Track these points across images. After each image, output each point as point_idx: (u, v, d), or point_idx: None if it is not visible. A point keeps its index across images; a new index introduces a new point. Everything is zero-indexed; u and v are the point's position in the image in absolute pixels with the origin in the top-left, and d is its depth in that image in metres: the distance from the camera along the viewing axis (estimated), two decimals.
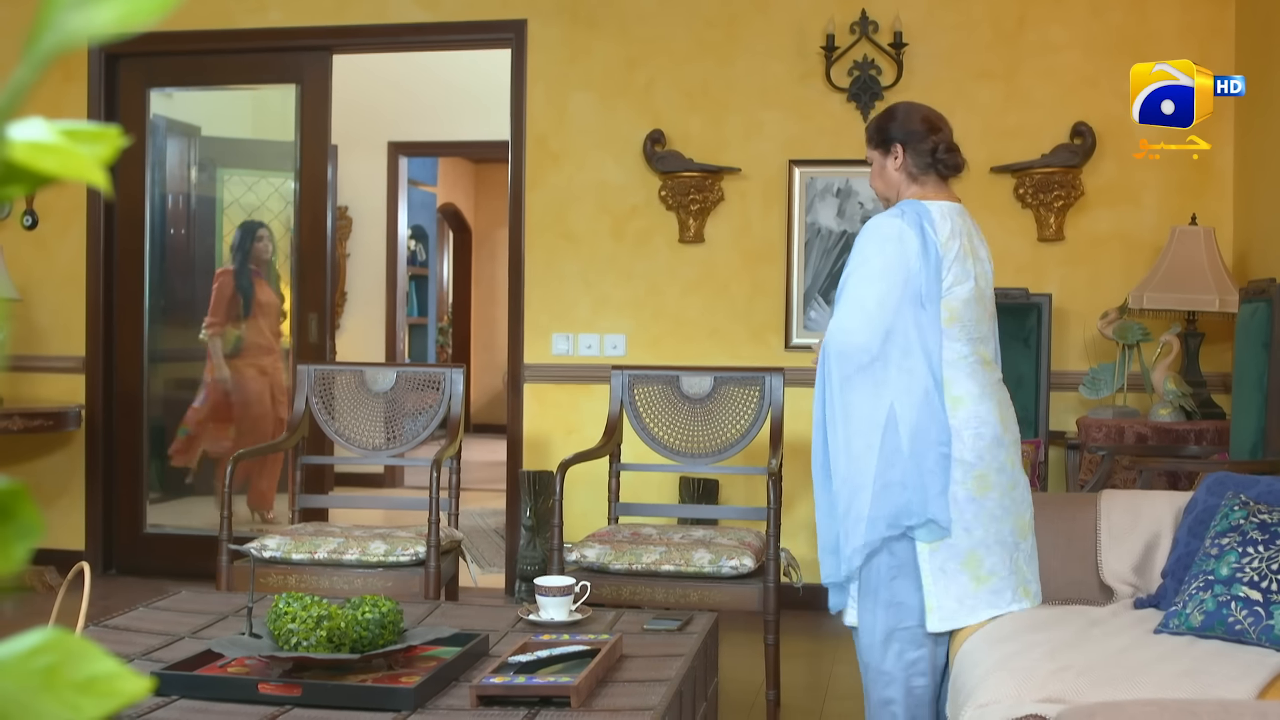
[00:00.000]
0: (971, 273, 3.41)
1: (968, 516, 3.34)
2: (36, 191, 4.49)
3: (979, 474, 3.35)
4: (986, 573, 3.34)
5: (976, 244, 3.49)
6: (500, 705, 2.56)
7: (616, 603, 4.03)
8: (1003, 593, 3.36)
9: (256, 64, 6.69)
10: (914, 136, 3.52)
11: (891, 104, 3.80)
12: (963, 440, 3.35)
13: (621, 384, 4.85)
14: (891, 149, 3.54)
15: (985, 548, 3.34)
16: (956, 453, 3.33)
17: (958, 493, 3.34)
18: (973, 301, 3.40)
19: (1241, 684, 2.60)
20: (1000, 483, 3.38)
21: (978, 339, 3.43)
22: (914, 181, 3.52)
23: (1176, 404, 5.18)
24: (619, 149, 6.09)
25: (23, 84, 0.60)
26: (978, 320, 3.43)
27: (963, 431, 3.35)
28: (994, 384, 3.45)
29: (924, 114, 3.60)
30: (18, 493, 0.63)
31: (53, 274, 6.65)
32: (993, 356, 3.50)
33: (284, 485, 4.94)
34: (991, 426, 3.37)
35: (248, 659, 2.79)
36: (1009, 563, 3.37)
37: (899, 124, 3.56)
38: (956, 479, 3.34)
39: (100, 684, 0.65)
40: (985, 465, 3.36)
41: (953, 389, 3.36)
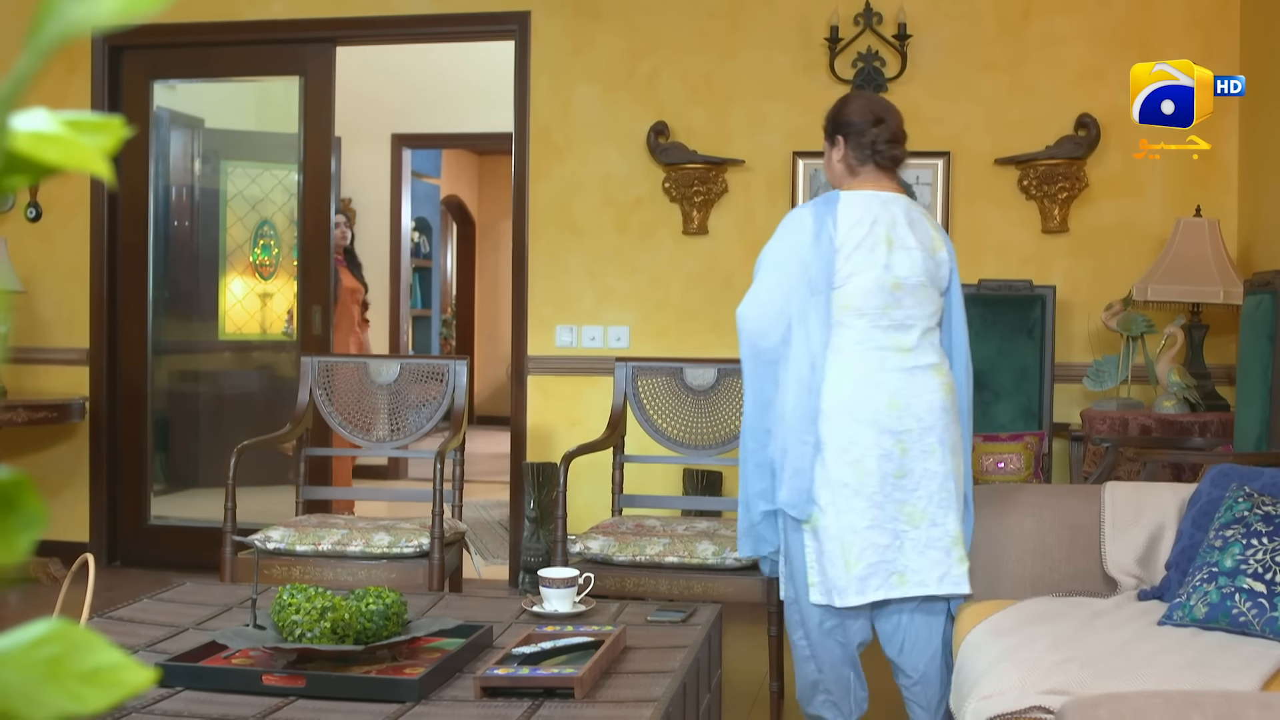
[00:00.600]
0: (881, 262, 3.46)
1: (839, 502, 3.43)
2: (40, 183, 4.47)
3: (853, 459, 3.42)
4: (855, 558, 3.42)
5: (902, 233, 3.52)
6: (504, 697, 2.56)
7: (620, 594, 4.03)
8: (870, 580, 3.43)
9: (260, 56, 6.69)
10: (854, 129, 3.59)
11: (845, 95, 3.86)
12: (835, 425, 3.44)
13: (625, 376, 4.85)
14: (835, 140, 3.65)
15: (854, 533, 3.42)
16: (830, 437, 3.43)
17: (831, 476, 3.43)
18: (881, 290, 3.46)
19: (1245, 676, 2.60)
20: (882, 470, 3.42)
21: (889, 326, 3.48)
22: (852, 173, 3.62)
23: (1181, 396, 5.18)
24: (623, 141, 6.09)
25: (25, 73, 0.60)
26: (885, 308, 3.47)
27: (836, 417, 3.44)
28: (901, 370, 3.47)
29: (868, 105, 3.66)
30: (21, 483, 0.63)
31: (56, 266, 6.66)
32: (914, 344, 3.50)
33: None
34: (873, 413, 3.42)
35: (252, 650, 2.79)
36: (883, 550, 3.43)
37: (843, 116, 3.64)
38: (830, 462, 3.44)
39: (104, 675, 0.65)
40: (861, 450, 3.42)
41: (834, 374, 3.45)
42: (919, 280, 3.52)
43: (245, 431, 5.24)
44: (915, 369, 3.49)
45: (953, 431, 3.52)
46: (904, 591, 3.46)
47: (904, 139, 3.66)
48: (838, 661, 3.56)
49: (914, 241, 3.53)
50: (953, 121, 5.83)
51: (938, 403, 3.48)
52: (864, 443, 3.43)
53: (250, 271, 7.04)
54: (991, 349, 5.54)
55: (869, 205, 3.52)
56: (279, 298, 7.01)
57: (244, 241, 7.01)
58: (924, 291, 3.54)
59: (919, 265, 3.52)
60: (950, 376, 3.57)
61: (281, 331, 6.99)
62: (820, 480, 3.47)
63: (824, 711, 3.61)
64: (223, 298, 7.06)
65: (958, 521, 3.49)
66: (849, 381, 3.45)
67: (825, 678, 3.57)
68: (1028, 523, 3.57)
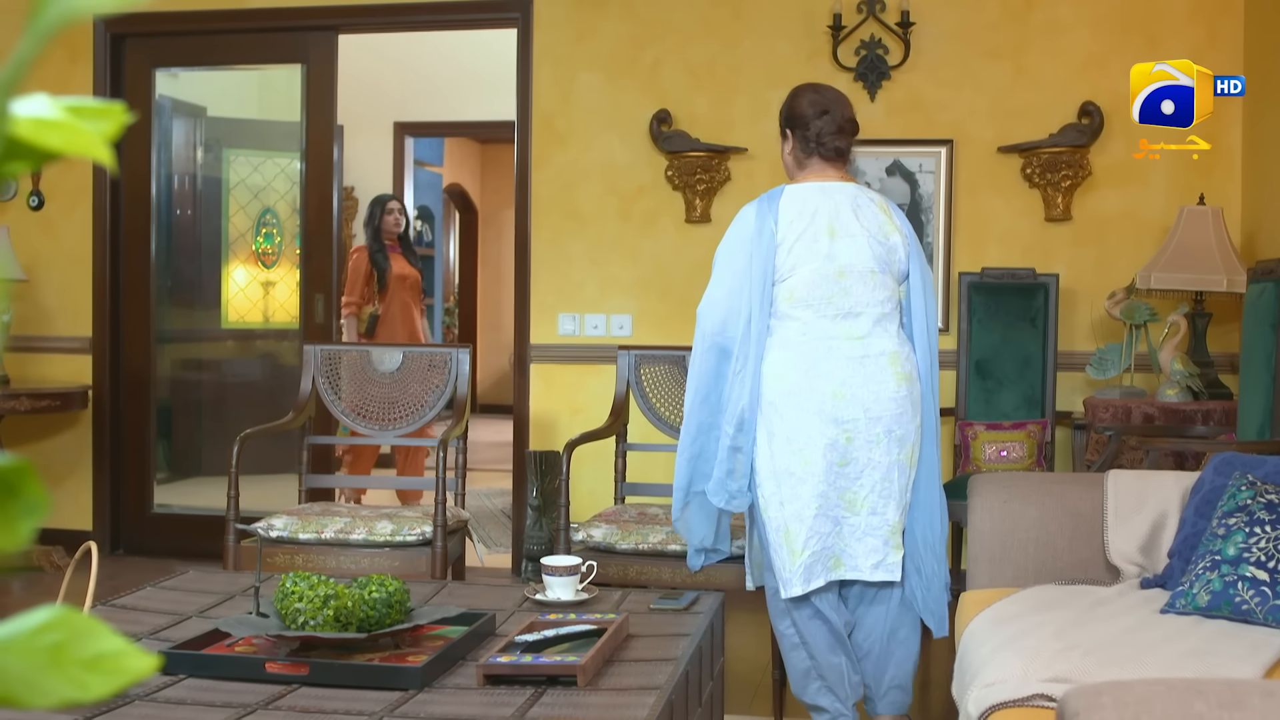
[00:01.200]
0: (823, 252, 3.48)
1: (784, 490, 3.47)
2: (42, 170, 4.47)
3: (797, 448, 3.45)
4: (800, 547, 3.46)
5: (847, 220, 3.53)
6: (507, 684, 2.56)
7: (623, 582, 4.04)
8: (814, 568, 3.48)
9: (262, 44, 6.68)
10: (799, 122, 3.64)
11: (798, 86, 3.82)
12: (783, 415, 3.47)
13: (628, 364, 4.85)
14: (785, 134, 3.70)
15: (799, 520, 3.45)
16: (776, 427, 3.47)
17: (777, 465, 3.47)
18: (825, 279, 3.48)
19: (1248, 663, 2.60)
20: (828, 459, 3.45)
21: (837, 315, 3.49)
22: (800, 166, 3.66)
23: (1184, 384, 5.17)
24: (625, 129, 6.08)
25: (25, 58, 0.59)
26: (831, 297, 3.49)
27: (783, 407, 3.47)
28: (850, 359, 3.48)
29: (813, 98, 3.66)
30: (23, 470, 0.63)
31: (59, 254, 6.66)
32: (866, 331, 3.51)
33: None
34: (818, 402, 3.45)
35: (255, 638, 2.80)
36: (825, 538, 3.47)
37: (789, 110, 3.69)
38: (777, 451, 3.47)
39: (107, 661, 0.65)
40: (805, 439, 3.45)
41: (778, 366, 3.49)
42: (867, 267, 3.52)
43: (248, 420, 5.25)
44: (866, 357, 3.50)
45: (905, 422, 3.52)
46: (840, 574, 3.51)
47: (852, 129, 3.67)
48: (826, 647, 3.57)
49: (859, 229, 3.53)
50: (956, 109, 5.82)
51: (887, 393, 3.49)
52: (809, 432, 3.46)
53: (253, 260, 7.04)
54: (994, 337, 5.54)
55: (809, 197, 3.55)
56: (281, 286, 7.01)
57: (246, 230, 7.01)
58: (873, 278, 3.53)
59: (865, 252, 3.52)
60: (909, 365, 3.57)
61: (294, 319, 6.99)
62: (766, 470, 3.50)
63: (819, 699, 3.61)
64: (225, 286, 7.06)
65: (898, 511, 3.52)
66: (795, 372, 3.48)
67: (818, 663, 3.58)
68: (1030, 511, 3.57)
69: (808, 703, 3.64)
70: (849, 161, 3.71)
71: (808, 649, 3.58)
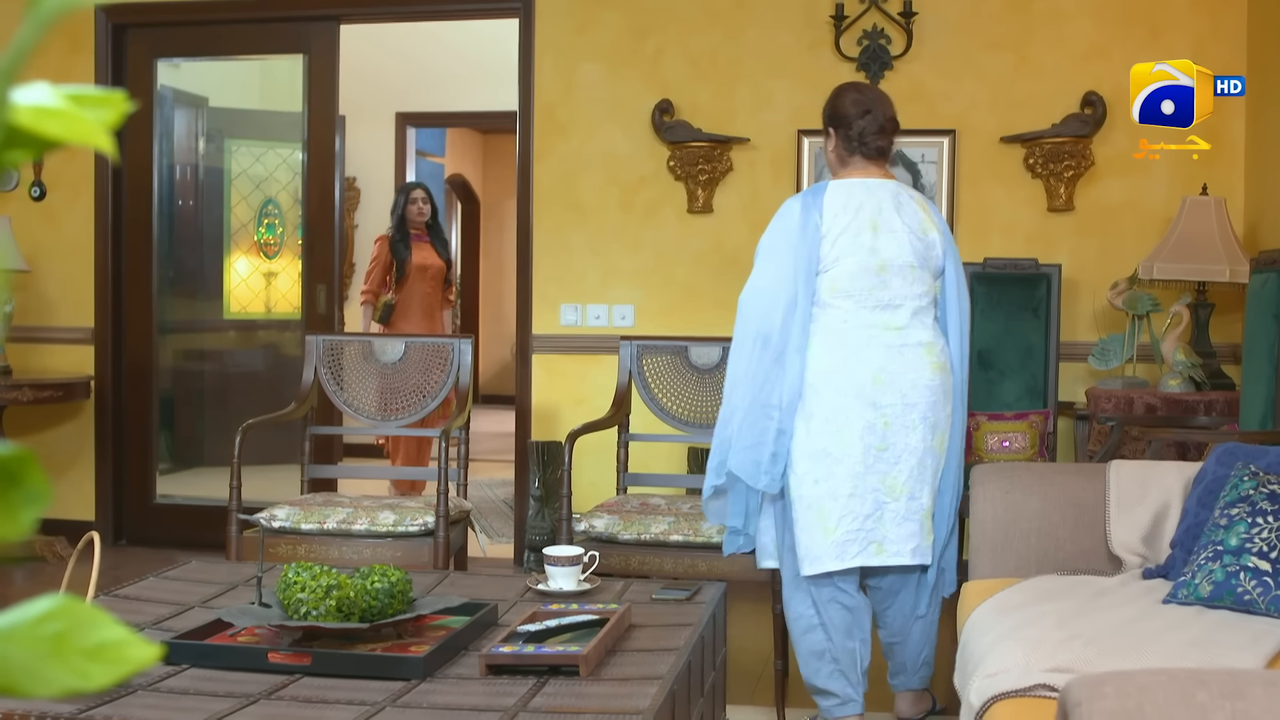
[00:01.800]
0: (866, 245, 3.61)
1: (819, 469, 3.58)
2: (43, 159, 4.46)
3: (835, 429, 3.57)
4: (833, 525, 3.57)
5: (889, 216, 3.66)
6: (509, 674, 2.57)
7: (625, 573, 4.04)
8: (849, 546, 3.57)
9: (264, 34, 6.67)
10: (842, 121, 3.77)
11: (842, 84, 3.98)
12: (822, 397, 3.59)
13: (630, 354, 4.85)
14: (828, 132, 3.84)
15: (833, 499, 3.56)
16: (815, 408, 3.58)
17: (815, 445, 3.58)
18: (867, 272, 3.61)
19: (1250, 654, 2.60)
20: (865, 441, 3.57)
21: (877, 306, 3.63)
22: (843, 163, 3.79)
23: (1186, 375, 5.17)
24: (627, 119, 6.07)
25: (25, 45, 0.59)
26: (872, 289, 3.62)
27: (823, 389, 3.59)
28: (889, 347, 3.60)
29: (856, 98, 3.80)
30: (25, 458, 0.63)
31: (61, 245, 6.66)
32: (904, 323, 3.64)
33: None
34: (859, 386, 3.57)
35: (257, 628, 2.80)
36: (862, 519, 3.57)
37: (835, 109, 3.82)
38: (812, 432, 3.59)
39: (109, 651, 0.65)
40: (844, 421, 3.57)
41: (820, 350, 3.61)
42: (906, 261, 3.65)
43: (250, 410, 5.25)
44: (904, 346, 3.62)
45: (939, 409, 3.65)
46: (882, 560, 3.61)
47: (893, 128, 3.80)
48: (844, 631, 3.66)
49: (900, 225, 3.66)
50: (958, 99, 5.81)
51: (923, 380, 3.62)
52: (847, 413, 3.57)
53: (255, 250, 7.04)
54: (997, 327, 5.53)
55: (854, 192, 3.68)
56: (283, 277, 7.01)
57: (248, 220, 7.01)
58: (912, 272, 3.67)
59: (906, 247, 3.65)
60: (943, 356, 3.70)
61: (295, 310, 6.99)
62: (802, 450, 3.60)
63: (830, 684, 3.68)
64: (227, 277, 7.06)
65: (930, 496, 3.66)
66: (836, 357, 3.60)
67: (834, 645, 3.66)
68: (1032, 501, 3.57)
69: (819, 686, 3.70)
70: (890, 159, 3.85)
71: (825, 630, 3.65)
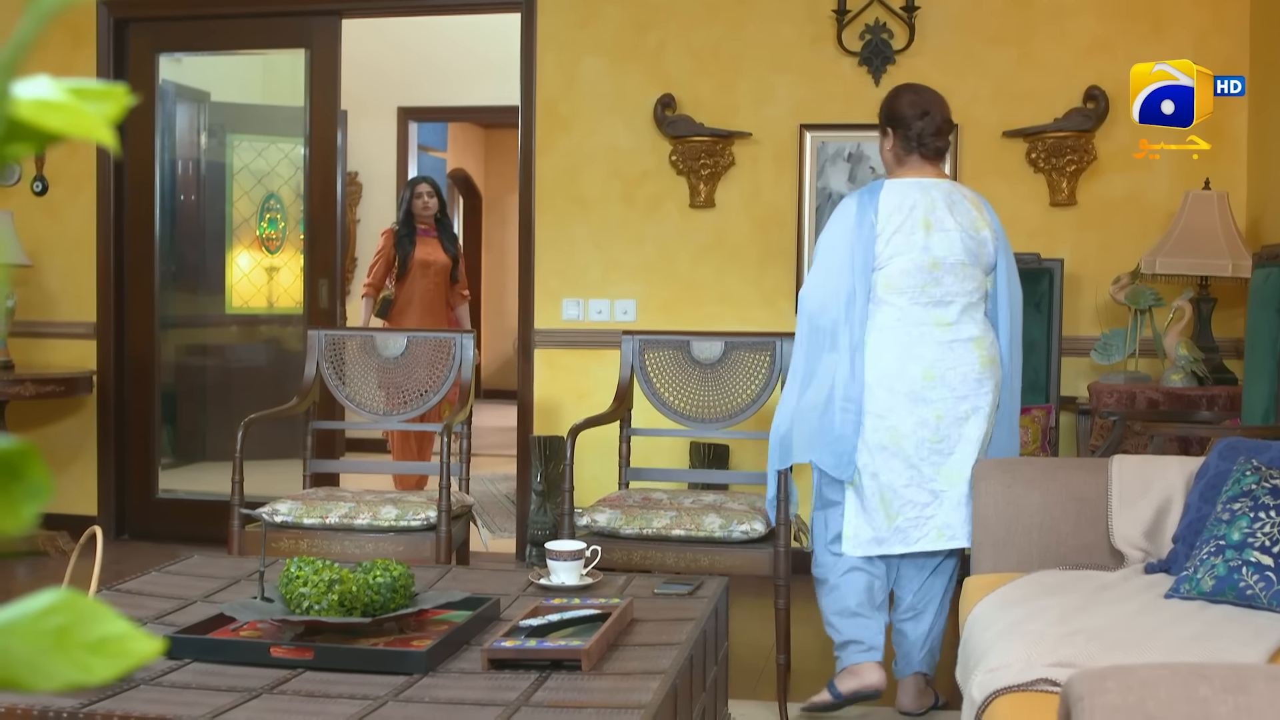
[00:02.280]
0: (919, 244, 3.78)
1: (878, 462, 3.81)
2: (45, 153, 4.45)
3: (890, 425, 3.79)
4: (895, 512, 3.82)
5: (942, 215, 3.82)
6: (511, 669, 2.57)
7: (627, 567, 4.04)
8: (909, 532, 3.82)
9: (266, 29, 6.67)
10: (901, 123, 3.91)
11: (899, 86, 4.11)
12: (875, 395, 3.80)
13: (632, 349, 4.85)
14: (886, 132, 3.97)
15: (893, 491, 3.81)
16: (870, 405, 3.80)
17: (870, 440, 3.80)
18: (920, 269, 3.78)
19: (1252, 648, 2.60)
20: (918, 435, 3.78)
21: (929, 303, 3.80)
22: (899, 163, 3.94)
23: (1188, 369, 5.17)
24: (629, 113, 6.07)
25: (26, 38, 0.59)
26: (924, 286, 3.80)
27: (876, 388, 3.79)
28: (940, 344, 3.79)
29: (916, 99, 3.94)
30: (27, 453, 0.63)
31: (63, 240, 6.66)
32: (954, 318, 3.81)
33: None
34: (909, 383, 3.77)
35: (259, 623, 2.80)
36: (920, 508, 3.81)
37: (893, 110, 3.95)
38: (870, 427, 3.80)
39: (111, 644, 0.65)
40: (897, 418, 3.78)
41: (874, 349, 3.80)
42: (958, 259, 3.81)
43: (252, 405, 5.25)
44: (955, 342, 3.80)
45: (988, 401, 3.83)
46: (944, 544, 3.85)
47: (949, 129, 3.96)
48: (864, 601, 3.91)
49: (953, 224, 3.82)
50: (961, 94, 5.80)
51: (973, 374, 3.80)
52: (899, 411, 3.78)
53: (257, 245, 7.04)
54: None
55: (908, 192, 3.84)
56: (285, 271, 7.01)
57: (250, 215, 7.01)
58: (964, 270, 3.83)
59: (958, 245, 3.81)
60: (993, 349, 3.87)
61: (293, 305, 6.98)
62: (861, 444, 3.82)
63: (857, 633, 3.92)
64: (229, 271, 7.06)
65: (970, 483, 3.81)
66: (889, 355, 3.79)
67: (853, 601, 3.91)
68: (1034, 496, 3.57)
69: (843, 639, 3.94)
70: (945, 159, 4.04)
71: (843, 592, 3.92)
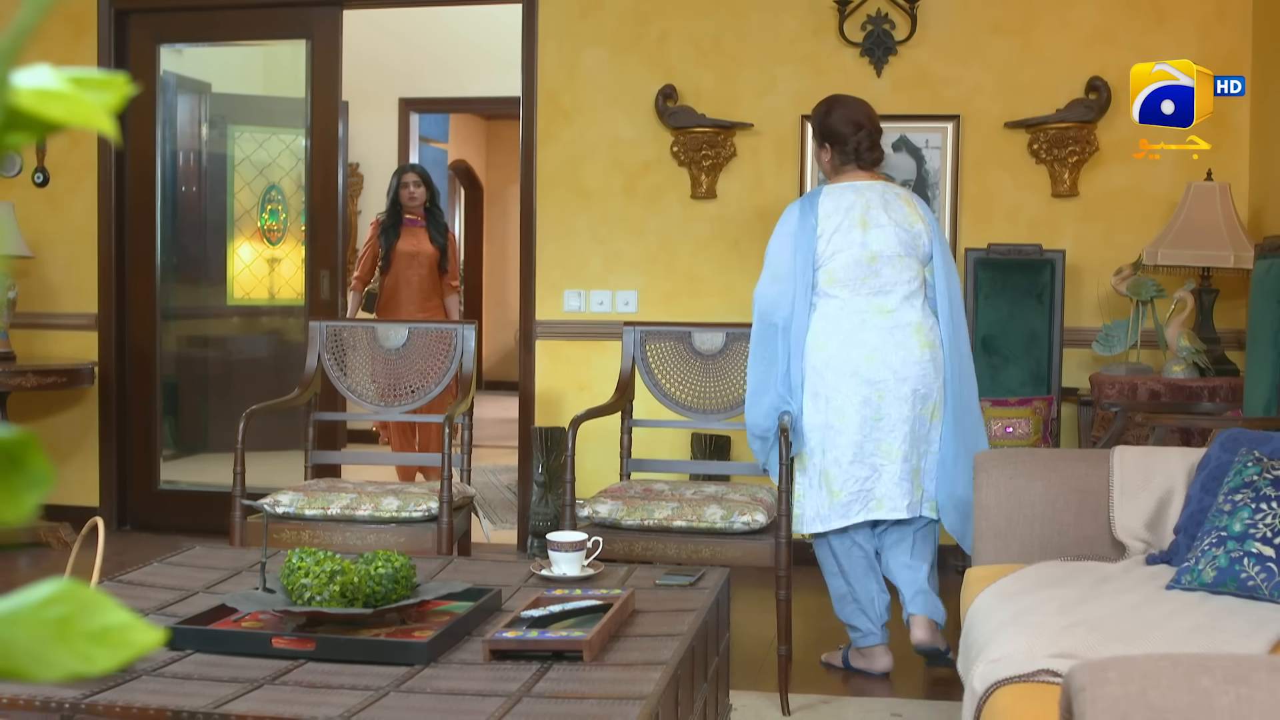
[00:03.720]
0: (858, 240, 4.15)
1: (824, 440, 4.16)
2: (45, 142, 4.46)
3: (836, 406, 4.13)
4: (838, 488, 4.16)
5: (877, 213, 4.19)
6: (513, 659, 2.57)
7: (628, 558, 4.04)
8: (851, 506, 4.16)
9: (267, 19, 6.66)
10: (837, 138, 4.28)
11: (826, 100, 4.46)
12: (823, 378, 4.14)
13: (633, 340, 4.85)
14: (823, 145, 4.35)
15: (837, 467, 4.15)
16: (816, 387, 4.15)
17: (816, 420, 4.16)
18: (859, 263, 4.14)
19: (1254, 640, 2.60)
20: (862, 414, 4.12)
21: (869, 293, 4.16)
22: (836, 172, 4.31)
23: (1190, 361, 5.17)
24: (631, 104, 6.06)
25: (26, 25, 0.59)
26: (864, 278, 4.15)
27: (825, 371, 4.14)
28: (881, 329, 4.14)
29: (848, 115, 4.29)
30: (28, 442, 0.63)
31: (64, 231, 6.65)
32: (895, 306, 4.16)
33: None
34: (854, 366, 4.12)
35: (261, 614, 2.80)
36: (862, 482, 4.14)
37: (827, 125, 4.31)
38: (817, 408, 4.15)
39: (113, 635, 0.65)
40: (843, 398, 4.12)
41: (820, 336, 4.16)
42: (895, 252, 4.18)
43: (254, 396, 5.25)
44: (895, 328, 4.15)
45: (929, 382, 4.17)
46: (881, 514, 4.17)
47: (880, 134, 4.34)
48: (860, 573, 4.23)
49: (887, 220, 4.19)
50: (962, 85, 5.80)
51: (913, 356, 4.14)
52: (846, 392, 4.12)
53: (258, 237, 7.04)
54: (1001, 313, 5.53)
55: (845, 194, 4.22)
56: (287, 263, 7.01)
57: (251, 206, 7.01)
58: (900, 261, 4.19)
59: (893, 239, 4.18)
60: (934, 334, 4.21)
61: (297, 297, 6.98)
62: (811, 425, 4.17)
63: (854, 620, 4.27)
64: (230, 263, 7.05)
65: (920, 459, 4.20)
66: (834, 341, 4.14)
67: (853, 589, 4.24)
68: (1036, 487, 3.57)
69: (845, 622, 4.32)
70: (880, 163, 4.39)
71: (844, 576, 4.25)
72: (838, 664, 4.40)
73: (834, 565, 4.28)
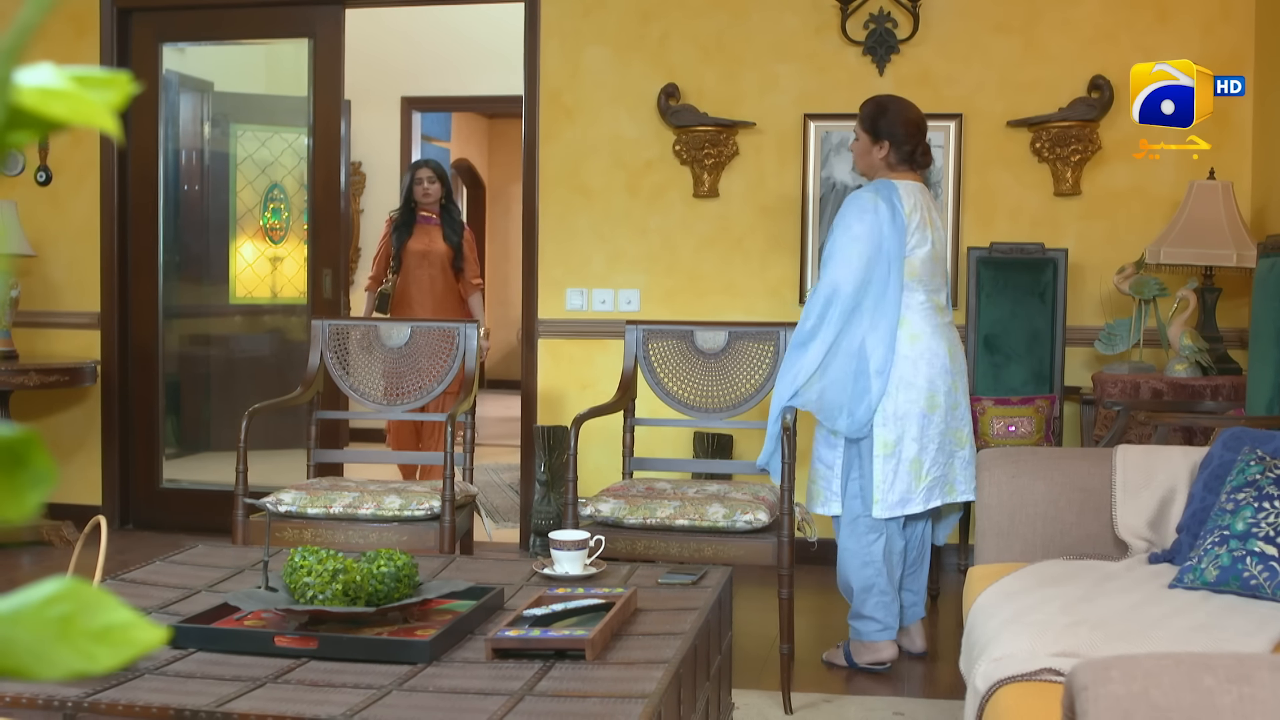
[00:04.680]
0: (929, 238, 4.27)
1: (916, 429, 4.23)
2: (48, 141, 4.46)
3: (929, 395, 4.23)
4: (924, 473, 4.26)
5: (934, 215, 4.35)
6: (515, 658, 2.57)
7: (631, 557, 4.04)
8: (934, 490, 4.27)
9: (269, 18, 6.66)
10: (900, 139, 4.33)
11: (884, 98, 4.52)
12: (917, 368, 4.22)
13: (636, 339, 4.85)
14: (880, 141, 4.35)
15: (927, 454, 4.25)
16: (911, 377, 4.21)
17: (911, 409, 4.22)
18: (929, 260, 4.27)
19: (1256, 638, 2.60)
20: (945, 403, 4.26)
21: (933, 290, 4.31)
22: (889, 169, 4.36)
23: (1193, 359, 5.16)
24: (633, 103, 6.06)
25: (28, 24, 0.59)
26: (932, 275, 4.30)
27: (918, 361, 4.22)
28: (945, 325, 4.33)
29: (912, 118, 4.36)
30: (30, 440, 0.63)
31: (67, 230, 6.66)
32: (945, 303, 4.39)
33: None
34: (941, 358, 4.25)
35: (264, 612, 2.81)
36: (944, 467, 4.28)
37: (891, 123, 4.34)
38: (911, 399, 4.21)
39: (115, 633, 0.65)
40: (934, 388, 4.23)
41: (911, 328, 4.24)
42: (943, 253, 4.40)
43: (256, 395, 5.25)
44: (950, 324, 4.37)
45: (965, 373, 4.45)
46: (953, 498, 4.34)
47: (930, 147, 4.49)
48: (897, 563, 4.35)
49: (939, 221, 4.41)
50: (965, 83, 5.79)
51: (959, 352, 4.37)
52: (937, 383, 4.24)
53: (260, 235, 7.04)
54: (1003, 312, 5.53)
55: (913, 192, 4.31)
56: (289, 261, 7.01)
57: (254, 205, 7.01)
58: (945, 262, 4.49)
59: (943, 240, 4.44)
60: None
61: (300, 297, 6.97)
62: (905, 411, 4.22)
63: (877, 613, 4.29)
64: (233, 262, 7.05)
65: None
66: (924, 336, 4.25)
67: (882, 580, 4.29)
68: (1038, 486, 3.57)
69: (866, 615, 4.30)
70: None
71: (876, 566, 4.28)
72: (840, 662, 4.41)
73: (872, 556, 4.29)
